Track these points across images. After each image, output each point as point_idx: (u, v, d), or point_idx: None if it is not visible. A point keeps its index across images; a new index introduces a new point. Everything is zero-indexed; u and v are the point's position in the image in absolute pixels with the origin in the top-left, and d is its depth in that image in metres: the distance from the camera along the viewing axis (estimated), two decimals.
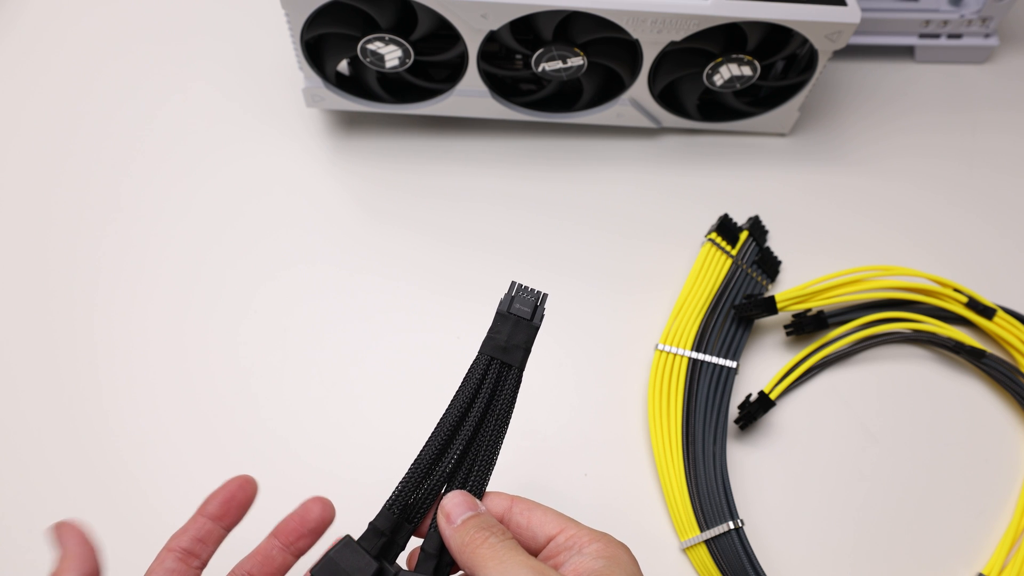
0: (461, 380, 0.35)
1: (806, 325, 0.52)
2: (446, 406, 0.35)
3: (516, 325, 0.35)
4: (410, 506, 0.34)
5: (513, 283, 0.36)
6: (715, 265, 0.54)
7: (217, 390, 0.51)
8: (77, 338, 0.52)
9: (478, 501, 0.34)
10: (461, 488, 0.34)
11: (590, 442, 0.50)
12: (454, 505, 0.33)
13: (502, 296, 0.35)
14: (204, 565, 0.35)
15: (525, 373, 0.35)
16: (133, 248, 0.56)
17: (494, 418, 0.35)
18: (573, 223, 0.58)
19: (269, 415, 0.50)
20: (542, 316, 0.35)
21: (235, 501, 0.36)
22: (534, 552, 0.34)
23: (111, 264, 0.55)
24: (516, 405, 0.35)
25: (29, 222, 0.57)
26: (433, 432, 0.35)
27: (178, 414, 0.50)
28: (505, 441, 0.35)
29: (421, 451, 0.35)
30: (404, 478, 0.34)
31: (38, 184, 0.58)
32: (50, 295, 0.54)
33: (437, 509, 0.34)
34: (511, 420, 0.35)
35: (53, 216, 0.57)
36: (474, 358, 0.35)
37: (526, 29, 0.53)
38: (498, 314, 0.35)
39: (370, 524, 0.34)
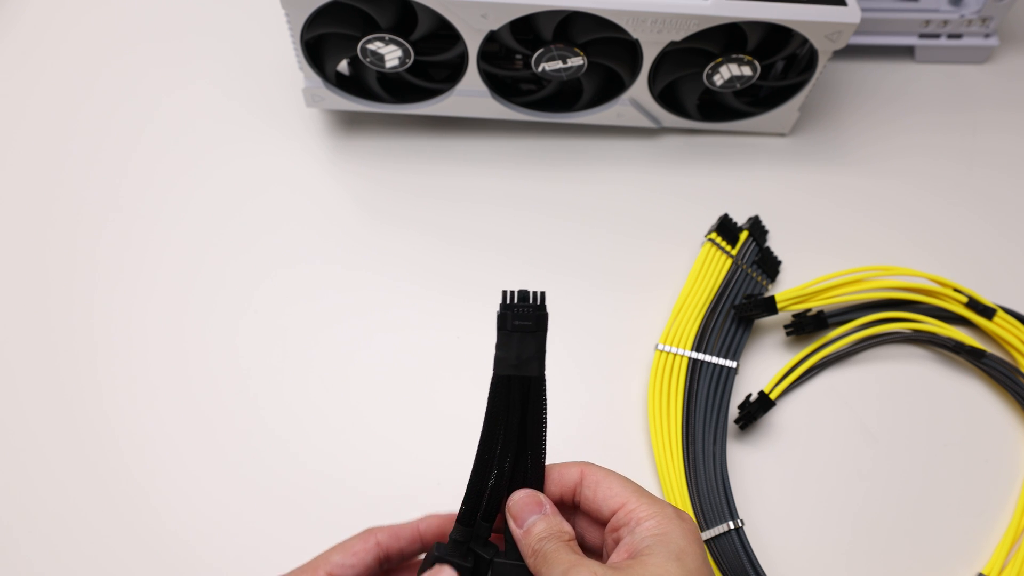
0: (486, 407, 0.33)
1: (806, 325, 0.52)
2: (479, 435, 0.33)
3: (522, 339, 0.33)
4: (483, 510, 0.34)
5: (504, 292, 0.33)
6: (715, 265, 0.54)
7: (216, 389, 0.51)
8: (76, 337, 0.52)
9: (541, 497, 0.33)
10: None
11: (590, 442, 0.50)
12: (519, 508, 0.33)
13: (498, 309, 0.33)
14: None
15: None
16: (132, 247, 0.56)
17: (531, 431, 0.33)
18: (573, 223, 0.58)
19: (268, 415, 0.50)
20: (546, 318, 0.33)
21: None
22: (603, 524, 0.34)
23: (110, 263, 0.55)
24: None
25: (29, 221, 0.57)
26: (475, 467, 0.33)
27: (178, 413, 0.50)
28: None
29: (470, 482, 0.33)
30: (463, 503, 0.33)
31: (38, 183, 0.58)
32: (49, 294, 0.54)
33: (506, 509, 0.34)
34: (547, 422, 0.34)
35: (53, 215, 0.57)
36: (491, 382, 0.33)
37: (526, 29, 0.53)
38: (499, 332, 0.33)
39: (450, 537, 0.33)
